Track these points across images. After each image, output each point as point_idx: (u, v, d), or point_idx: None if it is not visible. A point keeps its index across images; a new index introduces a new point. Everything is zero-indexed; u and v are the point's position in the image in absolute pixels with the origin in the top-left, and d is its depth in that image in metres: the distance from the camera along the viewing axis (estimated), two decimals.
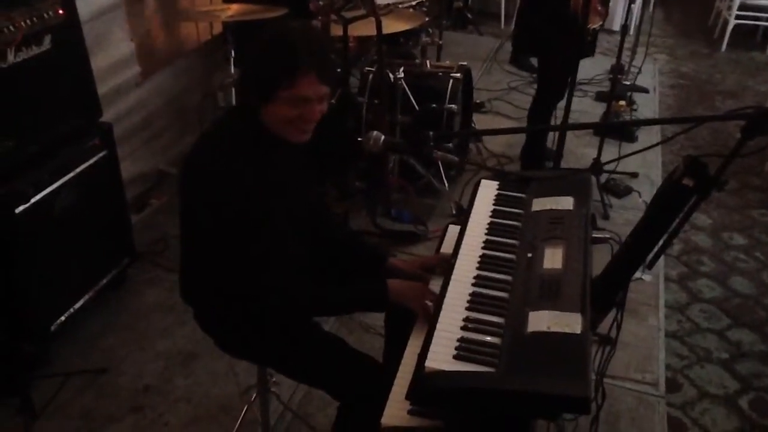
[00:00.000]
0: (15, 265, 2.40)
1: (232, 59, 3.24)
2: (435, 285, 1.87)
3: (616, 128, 4.44)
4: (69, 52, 2.52)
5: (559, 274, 1.63)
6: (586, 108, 4.98)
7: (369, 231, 3.36)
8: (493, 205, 2.02)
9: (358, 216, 3.51)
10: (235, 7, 3.14)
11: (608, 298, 1.72)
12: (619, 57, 4.65)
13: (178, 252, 1.91)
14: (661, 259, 3.44)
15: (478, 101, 4.72)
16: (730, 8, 6.24)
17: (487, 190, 2.10)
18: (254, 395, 2.26)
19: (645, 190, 3.90)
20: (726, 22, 6.31)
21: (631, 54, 5.24)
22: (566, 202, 1.91)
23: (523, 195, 2.03)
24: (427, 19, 3.50)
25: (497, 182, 2.14)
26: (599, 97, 5.10)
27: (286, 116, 1.64)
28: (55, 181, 2.51)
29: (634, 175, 4.09)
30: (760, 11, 6.24)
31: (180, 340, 2.82)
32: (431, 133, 1.63)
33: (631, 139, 4.49)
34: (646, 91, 5.26)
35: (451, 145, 3.56)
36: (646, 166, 4.19)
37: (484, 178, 2.16)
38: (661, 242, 1.62)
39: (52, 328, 2.61)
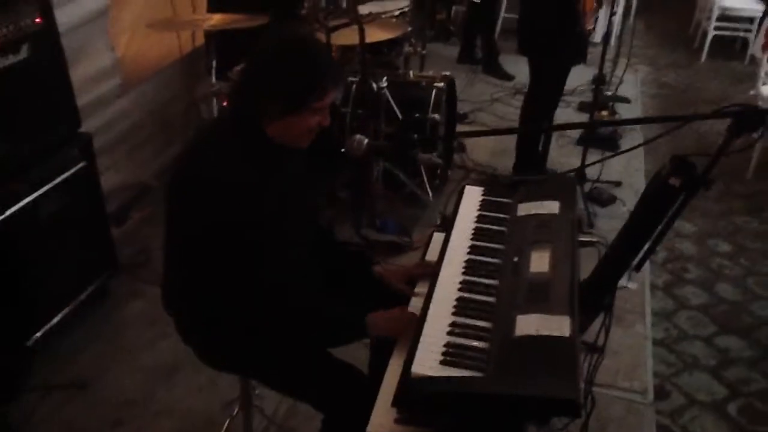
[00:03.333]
0: None
1: (213, 70, 3.22)
2: (420, 291, 1.85)
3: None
4: (47, 60, 2.49)
5: (546, 277, 1.61)
6: (569, 118, 4.99)
7: (353, 242, 3.33)
8: (478, 210, 2.01)
9: (342, 226, 3.48)
10: (217, 17, 3.12)
11: (596, 302, 1.71)
12: (601, 67, 4.68)
13: (160, 264, 1.87)
14: (647, 267, 3.44)
15: (461, 112, 4.72)
16: (709, 19, 6.31)
17: (472, 196, 2.08)
18: (237, 409, 2.21)
19: (628, 199, 3.90)
20: (705, 33, 6.38)
21: (613, 64, 5.28)
22: (552, 207, 1.90)
23: (508, 200, 2.02)
24: (410, 29, 3.50)
25: (482, 188, 2.13)
26: (582, 107, 5.13)
27: (308, 125, 1.65)
28: (33, 192, 2.46)
29: (618, 183, 4.10)
30: (738, 22, 6.32)
31: (162, 353, 2.77)
32: (415, 136, 1.61)
33: (615, 148, 4.51)
34: (627, 101, 5.30)
35: (436, 154, 3.54)
36: (630, 175, 4.20)
37: (469, 184, 2.16)
38: (648, 244, 1.62)
39: (29, 342, 2.54)
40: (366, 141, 1.68)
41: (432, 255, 2.03)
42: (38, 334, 2.58)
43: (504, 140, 4.25)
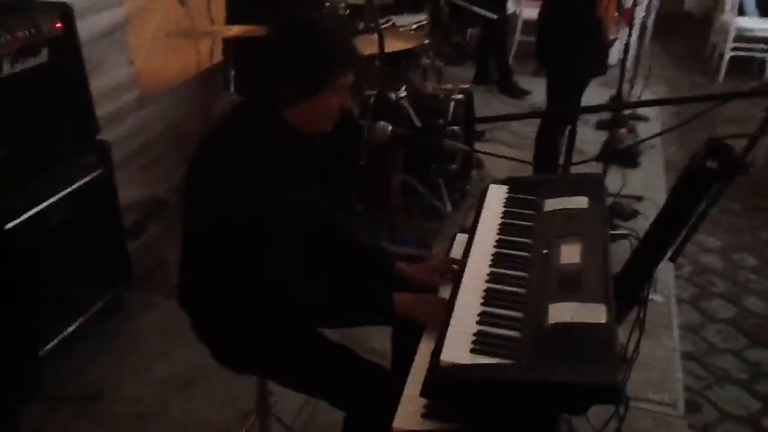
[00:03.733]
0: (4, 284, 2.30)
1: (231, 81, 3.21)
2: (444, 292, 1.79)
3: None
4: (66, 65, 2.48)
5: (577, 268, 1.55)
6: (587, 136, 4.93)
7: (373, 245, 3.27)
8: (504, 206, 1.95)
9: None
10: (237, 28, 3.11)
11: (631, 294, 1.64)
12: (619, 87, 4.69)
13: (177, 278, 1.84)
14: (672, 280, 3.36)
15: (478, 130, 4.69)
16: (725, 41, 6.28)
17: (497, 194, 2.03)
18: (254, 417, 2.14)
19: (650, 213, 3.82)
20: (722, 54, 6.35)
21: (630, 85, 5.25)
22: (580, 202, 1.84)
23: (533, 197, 1.96)
24: (427, 41, 3.49)
25: (506, 186, 2.08)
26: (600, 125, 5.08)
27: (331, 106, 1.61)
28: (49, 197, 2.43)
29: (639, 198, 4.03)
30: (755, 42, 6.29)
31: (177, 364, 2.71)
32: (440, 121, 1.56)
33: (634, 164, 4.45)
34: (646, 119, 5.26)
35: (455, 166, 3.50)
36: (651, 189, 4.13)
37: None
38: (684, 231, 1.55)
39: (41, 352, 2.49)
40: (390, 128, 1.64)
41: (456, 255, 1.97)
42: (51, 345, 2.52)
43: (523, 157, 4.19)
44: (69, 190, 2.52)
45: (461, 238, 2.03)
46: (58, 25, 2.42)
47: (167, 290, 3.10)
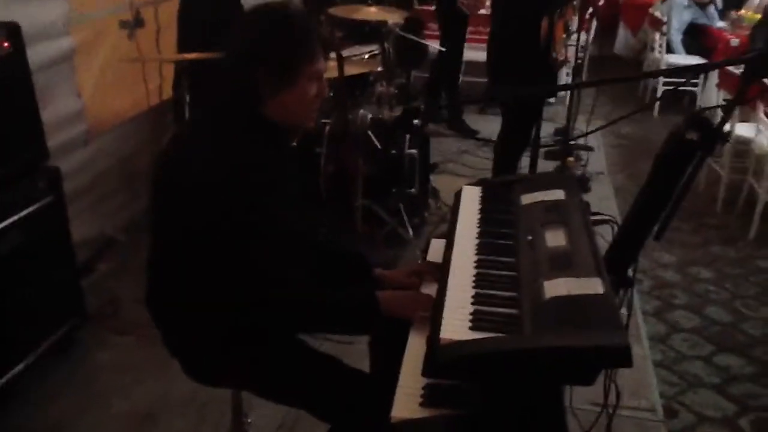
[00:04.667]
0: None
1: (187, 105, 3.12)
2: (427, 290, 1.74)
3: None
4: (14, 86, 2.38)
5: (565, 249, 1.53)
6: (538, 166, 5.03)
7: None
8: (480, 203, 1.93)
9: None
10: (193, 54, 3.06)
11: (618, 277, 1.62)
12: (568, 119, 4.86)
13: (130, 315, 1.73)
14: (635, 294, 3.38)
15: (432, 162, 4.71)
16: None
17: (471, 193, 2.01)
18: None
19: (606, 232, 3.87)
20: (655, 89, 6.65)
21: (573, 119, 5.41)
22: (557, 194, 1.84)
23: (509, 194, 1.95)
24: (380, 69, 3.51)
25: (479, 186, 2.06)
26: (549, 156, 5.19)
27: (308, 95, 1.57)
28: None
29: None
30: (684, 77, 6.59)
31: (138, 399, 2.54)
32: (421, 106, 1.54)
33: (586, 189, 4.55)
34: (591, 149, 5.40)
35: (413, 190, 3.49)
36: (605, 211, 4.18)
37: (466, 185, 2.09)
38: (668, 208, 1.55)
39: None
40: (369, 116, 1.61)
41: (433, 260, 1.93)
42: (1, 382, 2.33)
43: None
44: (17, 216, 2.37)
45: (437, 243, 1.99)
46: (6, 44, 2.32)
47: (120, 327, 2.97)
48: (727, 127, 1.48)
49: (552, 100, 6.69)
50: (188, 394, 2.50)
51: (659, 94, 6.58)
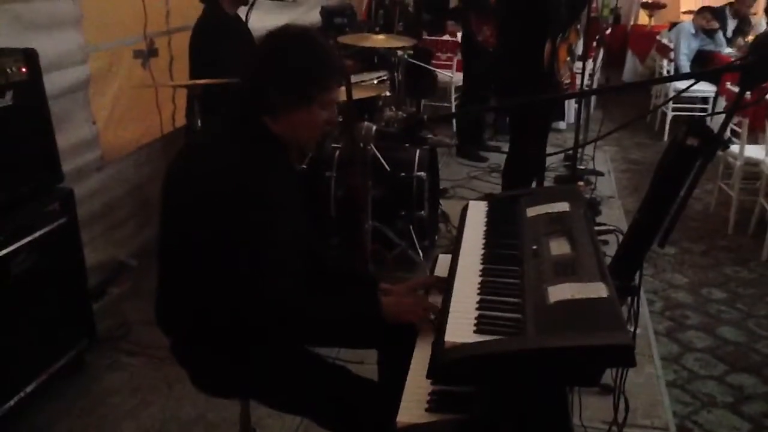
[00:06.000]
0: None
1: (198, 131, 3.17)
2: (432, 300, 1.75)
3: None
4: (30, 109, 2.44)
5: (570, 256, 1.54)
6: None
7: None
8: (486, 216, 1.95)
9: None
10: (206, 80, 3.12)
11: (623, 284, 1.62)
12: (575, 145, 4.87)
13: (141, 337, 1.75)
14: (647, 314, 3.37)
15: (441, 188, 4.74)
16: (666, 103, 6.61)
17: (477, 208, 2.04)
18: None
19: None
20: (665, 115, 6.67)
21: (582, 145, 5.44)
22: (561, 206, 1.85)
23: (515, 207, 1.97)
24: (388, 93, 3.56)
25: (485, 201, 2.09)
26: (558, 180, 5.21)
27: (318, 120, 1.61)
28: (8, 245, 2.31)
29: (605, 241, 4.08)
30: (693, 103, 6.64)
31: (147, 421, 2.54)
32: (425, 117, 1.57)
33: (596, 213, 4.55)
34: (601, 174, 5.41)
35: (423, 213, 3.51)
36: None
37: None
38: (671, 214, 1.56)
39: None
40: (374, 127, 1.64)
41: (439, 274, 1.94)
42: (10, 403, 2.35)
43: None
44: (31, 237, 2.41)
45: (444, 259, 2.01)
46: (24, 69, 2.39)
47: (131, 350, 2.98)
48: (727, 133, 1.48)
49: (562, 126, 6.75)
50: (197, 415, 2.50)
51: (669, 119, 6.63)
